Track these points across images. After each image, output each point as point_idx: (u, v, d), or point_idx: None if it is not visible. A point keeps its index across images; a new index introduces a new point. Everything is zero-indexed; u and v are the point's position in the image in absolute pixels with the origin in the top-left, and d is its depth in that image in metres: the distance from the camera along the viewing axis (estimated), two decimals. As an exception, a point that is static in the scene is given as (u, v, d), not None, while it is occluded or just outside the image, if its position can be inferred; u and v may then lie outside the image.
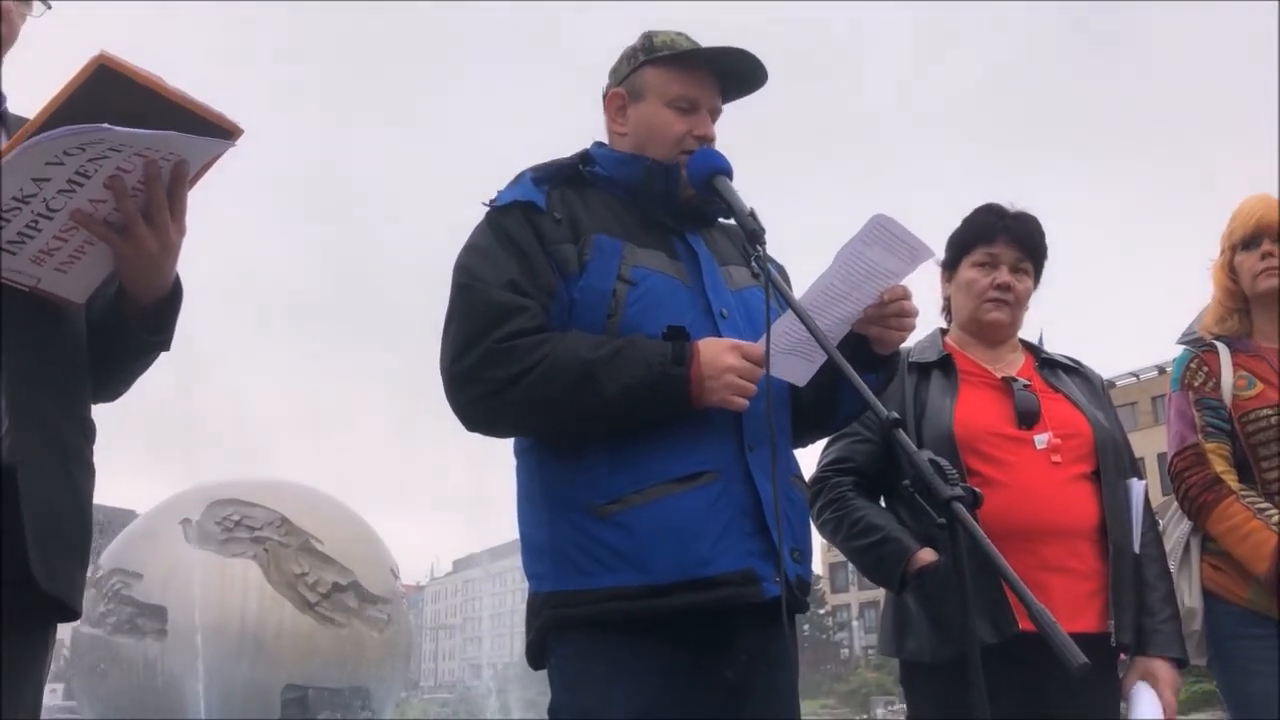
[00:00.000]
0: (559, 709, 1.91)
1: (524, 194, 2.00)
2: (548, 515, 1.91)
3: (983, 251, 2.65)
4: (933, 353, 2.64)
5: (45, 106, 1.32)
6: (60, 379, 1.58)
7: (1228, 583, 2.65)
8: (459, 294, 1.96)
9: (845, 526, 2.48)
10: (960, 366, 2.61)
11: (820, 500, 2.55)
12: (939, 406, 2.51)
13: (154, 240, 1.50)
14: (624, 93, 2.11)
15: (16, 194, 1.37)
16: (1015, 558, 2.29)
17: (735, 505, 1.86)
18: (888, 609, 2.57)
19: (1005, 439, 2.48)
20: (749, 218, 1.90)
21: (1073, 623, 2.26)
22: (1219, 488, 2.63)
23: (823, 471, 2.58)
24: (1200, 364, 2.80)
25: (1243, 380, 2.73)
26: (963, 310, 2.71)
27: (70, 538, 1.57)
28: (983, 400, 2.55)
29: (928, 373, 2.60)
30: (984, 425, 2.48)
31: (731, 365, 1.82)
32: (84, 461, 1.63)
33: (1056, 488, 2.44)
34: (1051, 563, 2.38)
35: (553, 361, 1.83)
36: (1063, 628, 2.22)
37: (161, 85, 1.36)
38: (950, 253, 2.71)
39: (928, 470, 1.50)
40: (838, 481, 2.54)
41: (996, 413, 2.52)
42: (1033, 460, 2.46)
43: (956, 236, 2.71)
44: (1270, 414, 2.65)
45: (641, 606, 1.81)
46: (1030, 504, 2.40)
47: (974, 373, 2.62)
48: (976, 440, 2.45)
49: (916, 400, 2.54)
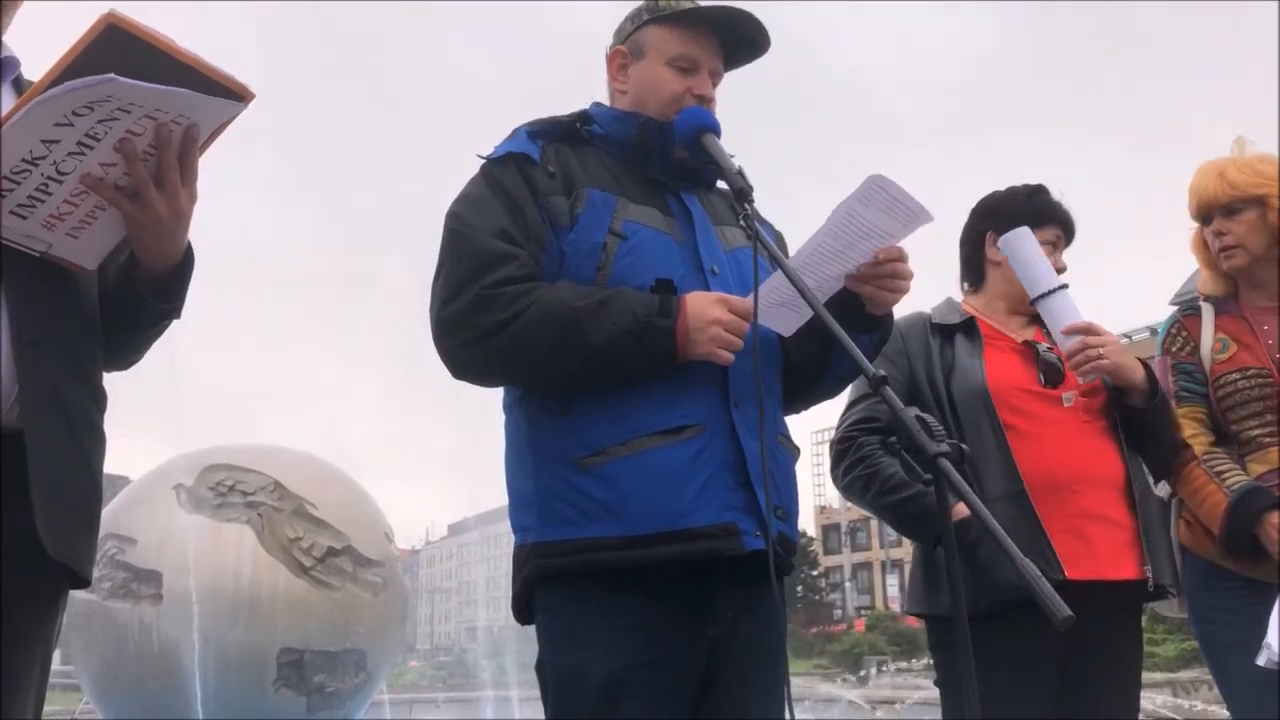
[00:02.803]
0: (544, 665, 1.93)
1: (519, 146, 2.01)
2: (534, 467, 1.92)
3: (1050, 231, 2.70)
4: (955, 316, 2.70)
5: (52, 67, 1.30)
6: (71, 346, 1.57)
7: (1197, 537, 2.72)
8: (450, 240, 1.96)
9: (878, 483, 2.53)
10: (983, 330, 2.67)
11: (847, 459, 2.60)
12: (969, 365, 2.59)
13: (165, 206, 1.48)
14: (626, 50, 2.12)
15: (26, 155, 1.35)
16: (1057, 507, 2.43)
17: (718, 459, 1.87)
18: (916, 566, 2.65)
19: (1035, 395, 2.57)
20: (736, 175, 1.91)
21: (1116, 570, 2.45)
22: (1184, 452, 2.69)
23: (849, 431, 2.63)
24: (1180, 329, 2.84)
25: (1218, 344, 2.76)
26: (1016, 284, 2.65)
27: (79, 505, 1.57)
28: (1009, 361, 2.62)
29: (951, 334, 2.66)
30: (1014, 383, 2.56)
31: (718, 318, 1.82)
32: (94, 429, 1.62)
33: (1087, 441, 2.55)
34: (1091, 511, 2.47)
35: (540, 309, 1.83)
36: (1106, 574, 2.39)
37: (171, 46, 1.33)
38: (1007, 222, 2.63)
39: (914, 426, 1.51)
40: (864, 440, 2.59)
41: (1023, 373, 2.60)
42: (1062, 416, 2.55)
43: (1021, 208, 2.71)
44: (1238, 378, 2.69)
45: (622, 557, 1.82)
46: (1067, 456, 2.50)
47: (995, 337, 2.68)
48: (1009, 395, 2.54)
49: (943, 359, 2.61)
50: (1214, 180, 2.75)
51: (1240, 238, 2.73)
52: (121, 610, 6.55)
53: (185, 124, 1.42)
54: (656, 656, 1.84)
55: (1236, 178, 2.73)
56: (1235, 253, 2.74)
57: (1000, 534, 1.44)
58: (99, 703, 7.04)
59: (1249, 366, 2.68)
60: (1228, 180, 2.73)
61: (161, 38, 1.32)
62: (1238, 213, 2.73)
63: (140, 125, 1.38)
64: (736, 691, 1.91)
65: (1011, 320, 2.74)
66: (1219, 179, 2.75)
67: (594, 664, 1.83)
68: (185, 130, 1.43)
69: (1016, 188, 2.79)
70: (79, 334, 1.60)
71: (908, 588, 2.70)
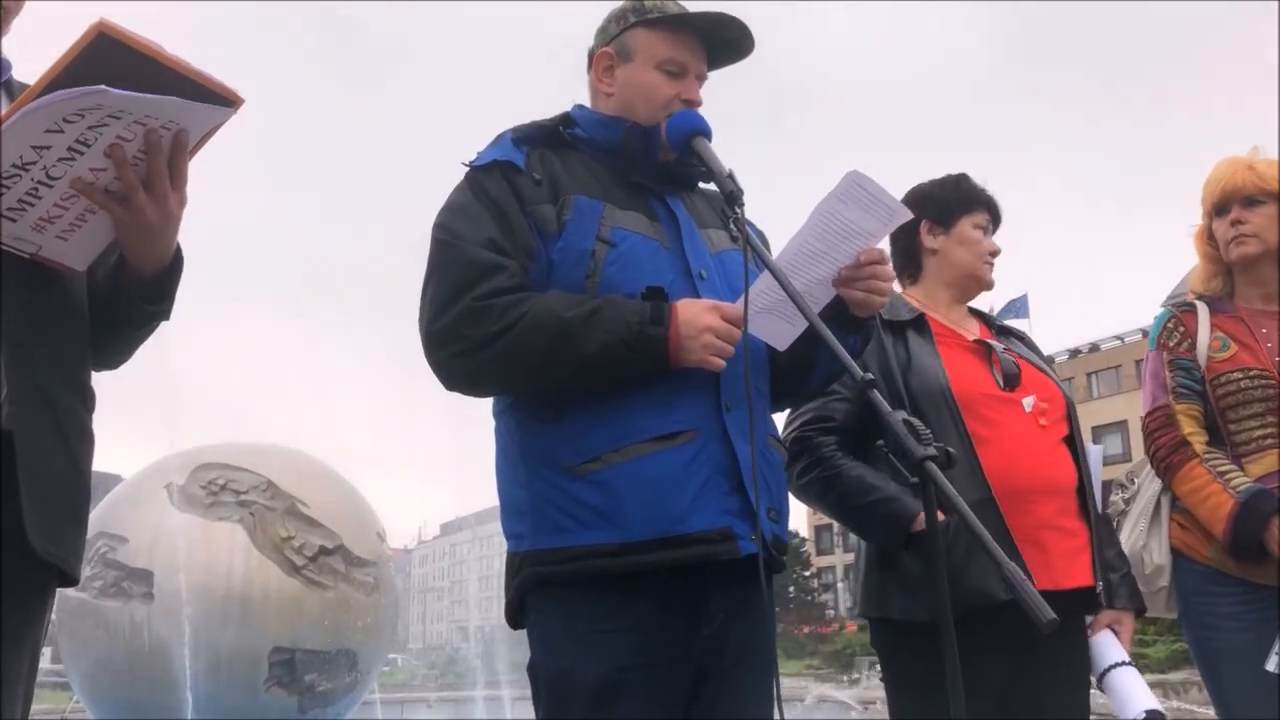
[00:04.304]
0: (536, 667, 1.93)
1: (504, 154, 2.00)
2: (526, 475, 1.92)
3: (982, 215, 2.72)
4: (905, 311, 2.63)
5: (44, 74, 1.31)
6: (60, 347, 1.58)
7: (1192, 540, 2.70)
8: (438, 251, 1.96)
9: (838, 486, 2.45)
10: (933, 328, 2.62)
11: (804, 460, 2.50)
12: (927, 364, 2.52)
13: (154, 210, 1.49)
14: (612, 53, 2.10)
15: (16, 161, 1.36)
16: (1017, 516, 2.38)
17: (713, 464, 1.87)
18: (870, 570, 2.55)
19: (995, 400, 2.52)
20: (727, 179, 1.91)
21: (1069, 578, 2.42)
22: (1185, 450, 2.67)
23: (803, 431, 2.52)
24: (1177, 324, 2.83)
25: (1218, 342, 2.75)
26: (958, 266, 2.71)
27: (68, 504, 1.57)
28: (966, 362, 2.57)
29: (902, 331, 2.59)
30: (975, 387, 2.51)
31: (710, 325, 1.82)
32: (82, 429, 1.63)
33: (1046, 449, 2.51)
34: (1048, 521, 2.44)
35: (531, 319, 1.83)
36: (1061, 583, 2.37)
37: (161, 53, 1.34)
38: (940, 209, 2.71)
39: (902, 430, 1.52)
40: (822, 441, 2.50)
41: (981, 375, 2.55)
42: (1022, 422, 2.51)
43: (951, 194, 2.73)
44: (1240, 377, 2.68)
45: (619, 564, 1.82)
46: (1026, 463, 2.46)
47: (946, 334, 2.63)
48: (973, 402, 2.48)
49: (898, 355, 2.53)
50: (1243, 171, 2.80)
51: (1258, 229, 2.76)
52: (112, 609, 6.53)
53: (175, 129, 1.43)
54: (649, 658, 1.84)
55: (1266, 171, 2.79)
56: (1250, 241, 2.76)
57: (986, 538, 1.45)
58: (89, 701, 7.03)
59: (1251, 367, 2.68)
60: (1257, 172, 2.79)
61: (152, 45, 1.33)
62: (1259, 205, 2.77)
63: (130, 131, 1.39)
64: (728, 692, 1.92)
65: (954, 311, 2.72)
66: (1248, 170, 2.80)
67: (587, 666, 1.84)
68: (175, 136, 1.44)
69: (941, 178, 2.77)
70: (68, 335, 1.60)
71: (858, 591, 2.60)
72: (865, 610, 2.57)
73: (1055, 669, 2.44)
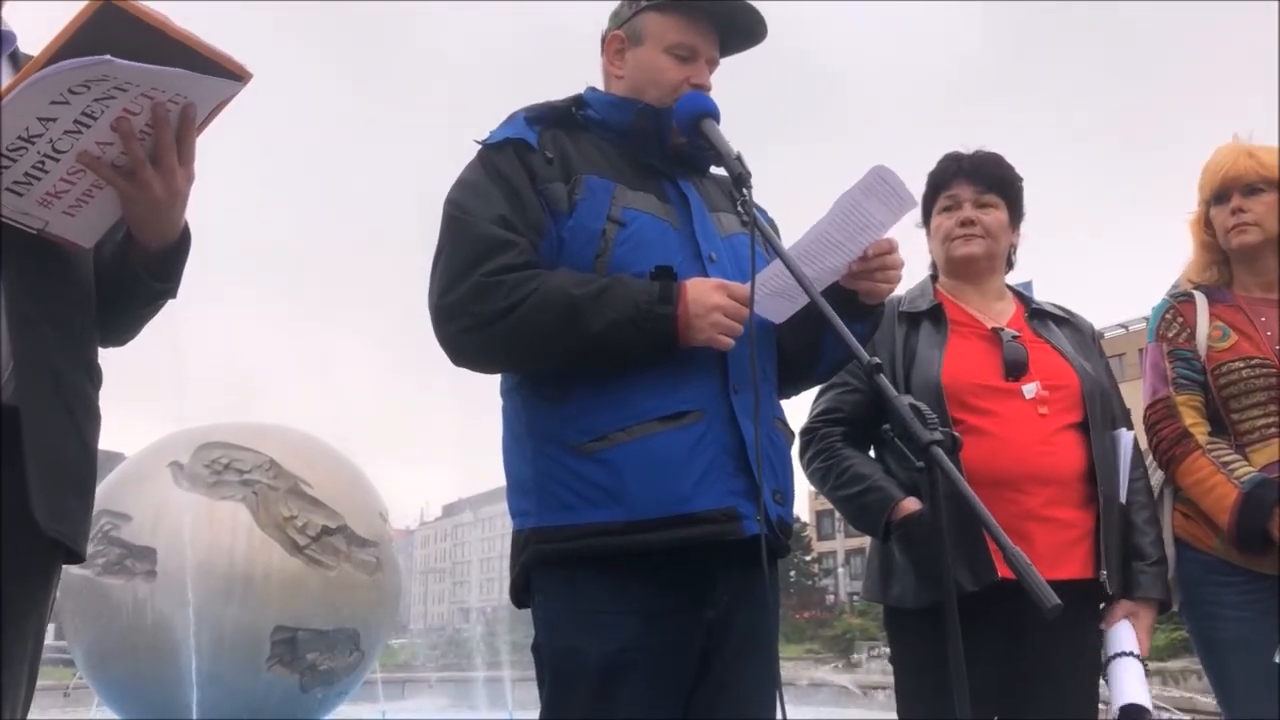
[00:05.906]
0: (541, 647, 1.93)
1: (516, 132, 2.00)
2: (532, 452, 1.93)
3: (945, 196, 2.72)
4: (924, 301, 2.66)
5: (48, 45, 1.30)
6: (67, 323, 1.57)
7: (1196, 531, 2.69)
8: (449, 227, 1.96)
9: (833, 475, 2.52)
10: (951, 316, 2.63)
11: (810, 450, 2.59)
12: (928, 357, 2.54)
13: (161, 185, 1.48)
14: (623, 36, 2.11)
15: (22, 133, 1.35)
16: (998, 507, 2.30)
17: (719, 445, 1.87)
18: (873, 556, 2.61)
19: (992, 390, 2.50)
20: (735, 161, 1.91)
21: (1054, 570, 2.31)
22: (1187, 441, 2.66)
23: (813, 422, 2.62)
24: (1175, 314, 2.81)
25: (1217, 331, 2.74)
26: (939, 256, 2.76)
27: (74, 481, 1.57)
28: (971, 351, 2.57)
29: (918, 322, 2.62)
30: (971, 377, 2.51)
31: (718, 304, 1.83)
32: (89, 406, 1.62)
33: (1042, 438, 2.47)
34: (1034, 512, 2.41)
35: (540, 296, 1.83)
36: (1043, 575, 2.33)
37: (168, 25, 1.32)
38: (922, 209, 2.76)
39: (908, 414, 1.52)
40: (827, 432, 2.58)
41: (985, 364, 2.54)
42: (1020, 411, 2.49)
43: (926, 192, 2.76)
44: (1241, 367, 2.67)
45: (623, 542, 1.83)
46: (1014, 453, 2.43)
47: (964, 322, 2.64)
48: (963, 392, 2.48)
49: (906, 350, 2.57)
50: (1243, 158, 2.78)
51: (1259, 217, 2.74)
52: (116, 586, 6.55)
53: (182, 103, 1.42)
54: (654, 640, 1.85)
55: (1267, 159, 2.77)
56: (1250, 229, 2.74)
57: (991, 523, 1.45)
58: (92, 678, 7.06)
59: (1252, 356, 2.66)
60: (1258, 159, 2.77)
61: (158, 16, 1.31)
62: (1260, 193, 2.75)
63: (137, 104, 1.38)
64: (731, 675, 1.93)
65: (980, 297, 2.70)
66: (1249, 157, 2.78)
67: (592, 647, 1.84)
68: (182, 110, 1.43)
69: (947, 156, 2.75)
70: (75, 311, 1.60)
71: (865, 576, 2.69)
72: (868, 595, 2.64)
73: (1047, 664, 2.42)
